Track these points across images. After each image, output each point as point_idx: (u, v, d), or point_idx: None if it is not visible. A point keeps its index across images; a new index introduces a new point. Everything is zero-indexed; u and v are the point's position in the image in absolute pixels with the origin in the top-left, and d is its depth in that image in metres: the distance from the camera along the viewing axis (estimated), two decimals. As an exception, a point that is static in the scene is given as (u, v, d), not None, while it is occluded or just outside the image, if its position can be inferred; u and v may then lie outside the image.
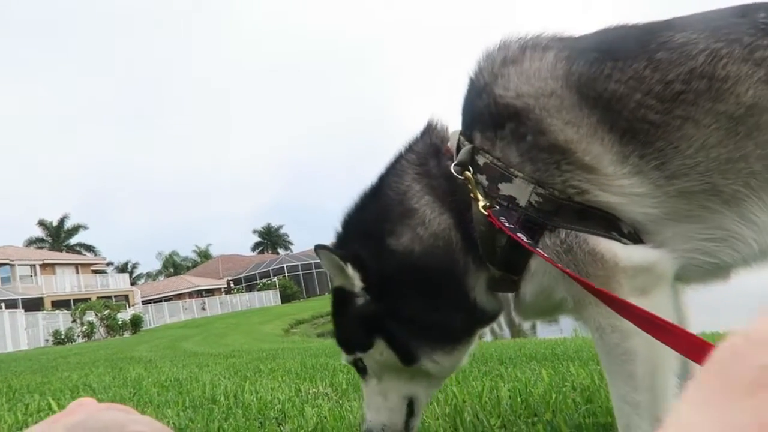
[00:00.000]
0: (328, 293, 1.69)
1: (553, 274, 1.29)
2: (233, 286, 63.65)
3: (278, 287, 55.18)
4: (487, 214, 1.31)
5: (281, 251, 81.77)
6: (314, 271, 57.46)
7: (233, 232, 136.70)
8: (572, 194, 1.28)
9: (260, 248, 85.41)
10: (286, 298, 53.13)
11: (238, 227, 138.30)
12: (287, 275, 58.35)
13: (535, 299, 1.37)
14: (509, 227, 1.26)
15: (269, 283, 57.96)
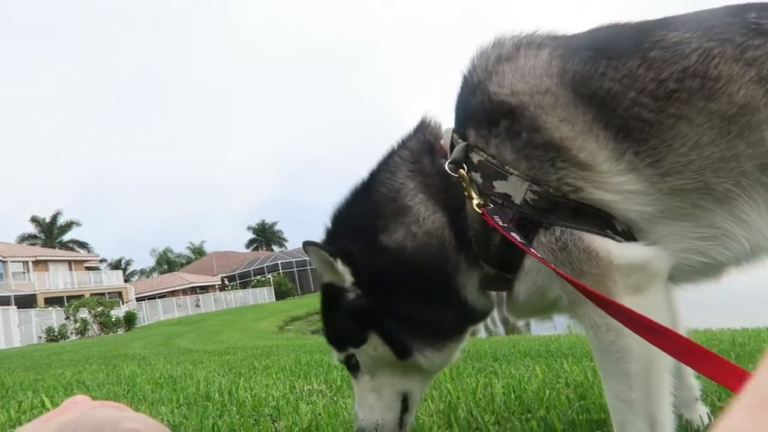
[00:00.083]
0: (321, 290, 1.67)
1: (547, 272, 1.29)
2: (227, 283, 63.54)
3: (273, 284, 55.12)
4: (481, 212, 1.31)
5: (276, 248, 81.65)
6: (309, 268, 57.24)
7: (227, 228, 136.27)
8: (567, 192, 1.28)
9: (255, 245, 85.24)
10: (280, 295, 53.09)
11: (232, 224, 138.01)
12: (282, 272, 58.28)
13: (529, 298, 1.36)
14: (503, 226, 1.26)
15: (264, 280, 57.87)
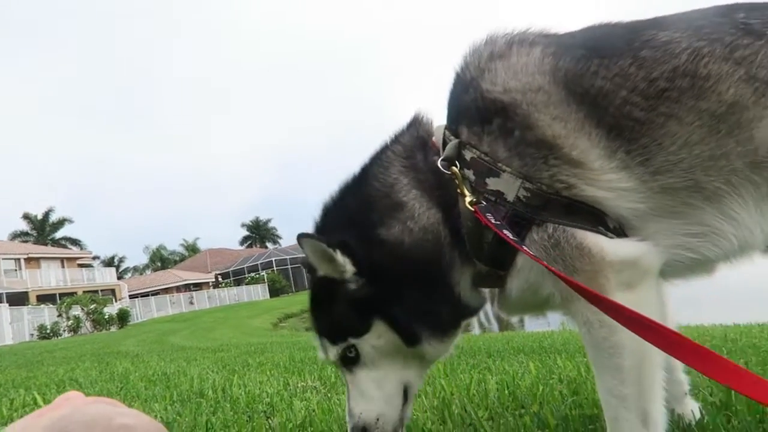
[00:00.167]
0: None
1: (540, 269, 1.29)
2: (221, 280, 63.41)
3: (267, 281, 55.02)
4: (473, 210, 1.31)
5: (270, 245, 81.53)
6: (303, 264, 57.17)
7: (221, 225, 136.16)
8: (560, 189, 1.29)
9: (248, 242, 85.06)
10: (274, 292, 53.03)
11: (226, 221, 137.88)
12: (276, 269, 58.18)
13: (521, 295, 1.37)
14: (496, 224, 1.26)
15: (258, 277, 57.77)
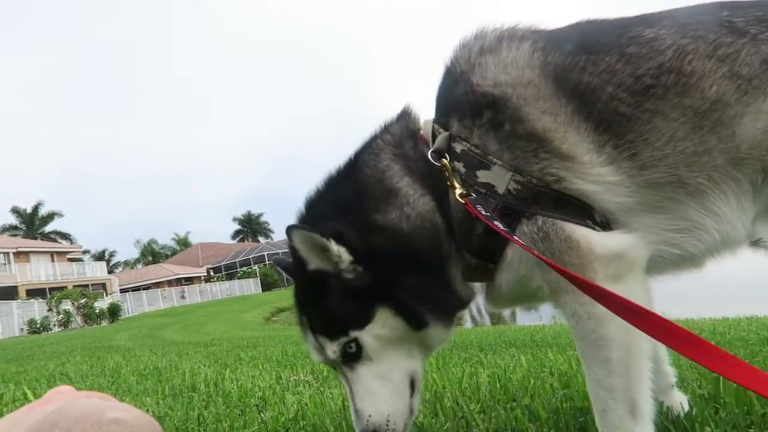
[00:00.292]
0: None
1: (529, 262, 1.30)
2: (213, 274, 63.23)
3: (259, 275, 54.94)
4: (464, 202, 1.31)
5: (262, 239, 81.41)
6: (296, 259, 57.05)
7: (213, 219, 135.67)
8: (550, 182, 1.30)
9: (240, 236, 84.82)
10: (266, 286, 52.97)
11: (217, 215, 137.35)
12: (268, 263, 58.05)
13: (511, 287, 1.37)
14: (486, 215, 1.26)
15: (250, 271, 57.69)
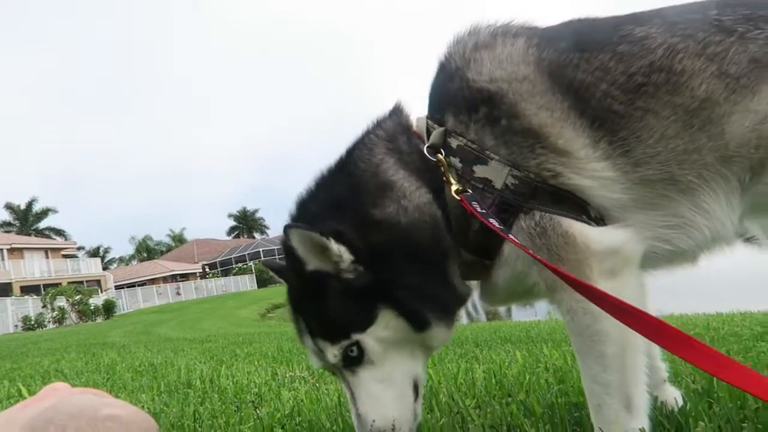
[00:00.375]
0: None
1: (526, 259, 1.30)
2: (208, 270, 63.14)
3: (254, 272, 54.84)
4: (459, 198, 1.30)
5: (257, 235, 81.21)
6: (291, 255, 56.96)
7: (208, 216, 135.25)
8: (547, 177, 1.30)
9: (236, 232, 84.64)
10: (262, 282, 52.84)
11: (213, 211, 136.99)
12: (263, 259, 57.88)
13: (507, 284, 1.37)
14: (482, 212, 1.26)
15: (245, 267, 57.60)
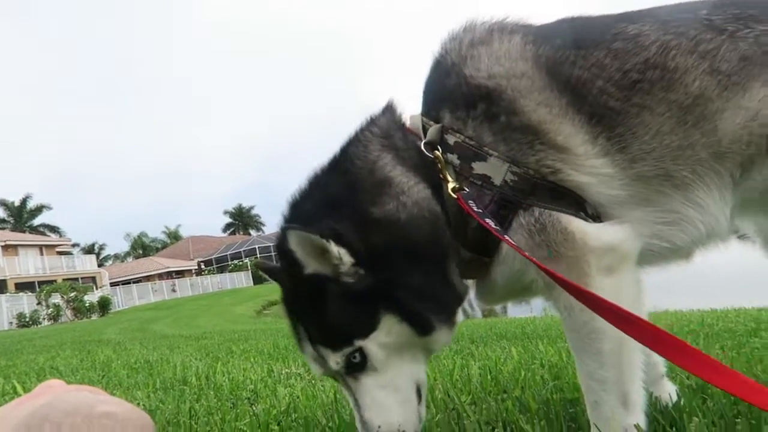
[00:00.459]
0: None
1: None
2: (204, 267, 63.00)
3: (250, 268, 54.74)
4: (456, 197, 1.30)
5: (253, 232, 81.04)
6: (287, 252, 56.91)
7: (203, 213, 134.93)
8: (546, 173, 1.30)
9: (231, 229, 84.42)
10: (258, 279, 52.69)
11: (208, 208, 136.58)
12: (259, 256, 57.78)
13: (506, 282, 1.37)
14: (478, 212, 1.25)
15: (241, 264, 57.50)
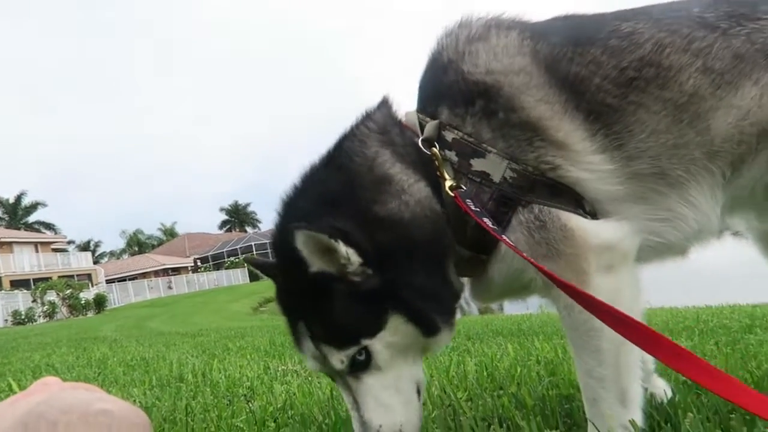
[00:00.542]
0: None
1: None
2: (200, 264, 62.90)
3: (246, 265, 54.58)
4: (453, 195, 1.29)
5: (249, 229, 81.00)
6: (283, 249, 56.88)
7: (199, 210, 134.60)
8: (545, 170, 1.29)
9: (227, 226, 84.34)
10: (254, 276, 52.56)
11: (204, 205, 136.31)
12: (255, 253, 57.47)
13: (504, 280, 1.36)
14: (475, 211, 1.25)
15: (237, 261, 57.38)
